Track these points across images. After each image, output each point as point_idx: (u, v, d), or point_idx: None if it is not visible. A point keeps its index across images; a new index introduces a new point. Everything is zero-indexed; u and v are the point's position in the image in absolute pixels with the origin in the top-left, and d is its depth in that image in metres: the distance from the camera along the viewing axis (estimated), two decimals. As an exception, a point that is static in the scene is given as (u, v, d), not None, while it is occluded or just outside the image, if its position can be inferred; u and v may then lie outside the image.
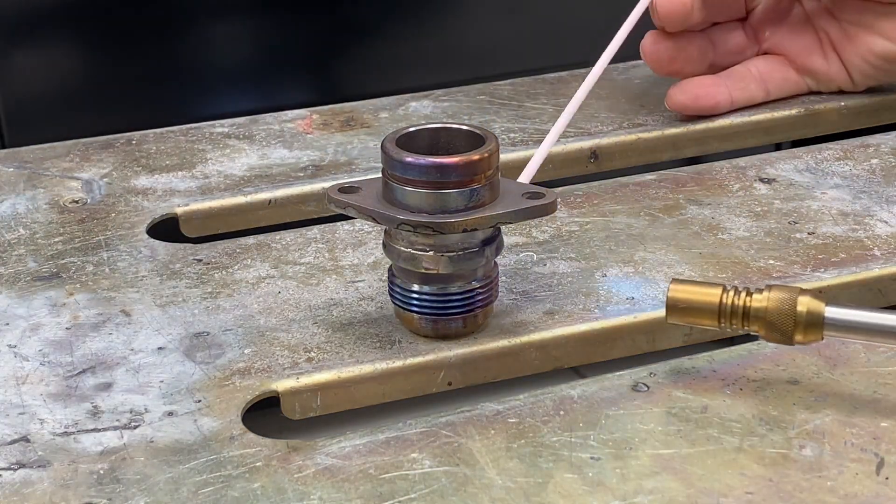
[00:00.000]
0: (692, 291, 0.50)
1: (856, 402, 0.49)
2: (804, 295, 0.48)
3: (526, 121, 0.76)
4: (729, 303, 0.49)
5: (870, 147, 0.72)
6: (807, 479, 0.45)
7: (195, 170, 0.71)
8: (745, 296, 0.49)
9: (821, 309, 0.48)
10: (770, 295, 0.49)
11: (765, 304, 0.48)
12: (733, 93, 0.75)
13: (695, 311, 0.49)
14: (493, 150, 0.52)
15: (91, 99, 0.95)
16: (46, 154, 0.74)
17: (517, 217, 0.52)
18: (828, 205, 0.65)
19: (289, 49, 0.99)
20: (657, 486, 0.45)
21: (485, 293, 0.54)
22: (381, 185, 0.52)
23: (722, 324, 0.49)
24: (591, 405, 0.50)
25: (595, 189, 0.68)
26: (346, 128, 0.76)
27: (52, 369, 0.53)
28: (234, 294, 0.58)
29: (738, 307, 0.49)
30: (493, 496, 0.45)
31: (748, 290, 0.49)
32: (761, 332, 0.49)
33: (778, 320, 0.48)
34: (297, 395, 0.52)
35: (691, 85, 0.75)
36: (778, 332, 0.48)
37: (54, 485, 0.46)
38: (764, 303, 0.48)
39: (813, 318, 0.48)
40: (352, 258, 0.61)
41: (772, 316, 0.48)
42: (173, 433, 0.49)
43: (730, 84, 0.76)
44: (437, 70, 1.00)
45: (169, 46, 0.96)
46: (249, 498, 0.45)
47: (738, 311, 0.49)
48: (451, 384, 0.54)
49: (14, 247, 0.63)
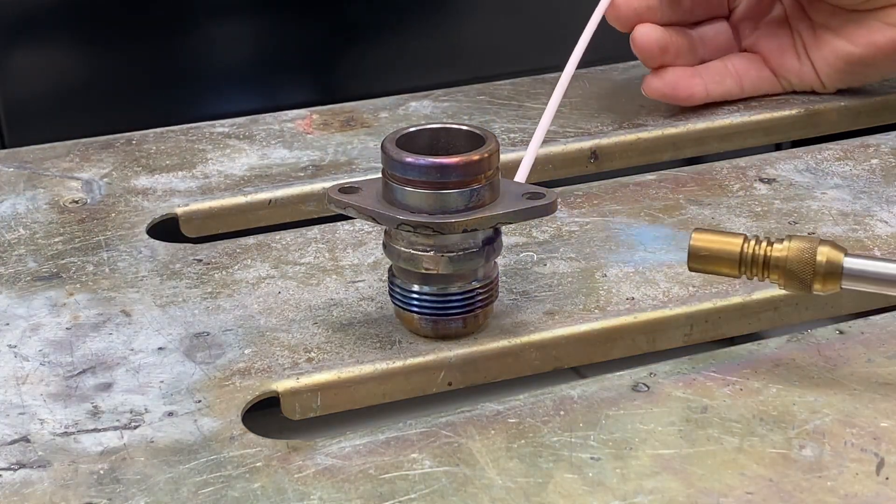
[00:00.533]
0: (714, 240, 0.50)
1: (856, 402, 0.49)
2: (824, 245, 0.49)
3: (526, 121, 0.76)
4: (750, 252, 0.50)
5: (870, 147, 0.72)
6: (807, 479, 0.45)
7: (195, 170, 0.71)
8: (766, 245, 0.50)
9: (839, 259, 0.49)
10: (790, 245, 0.49)
11: (785, 253, 0.49)
12: (709, 86, 0.76)
13: (716, 260, 0.50)
14: (493, 151, 0.52)
15: (91, 99, 0.95)
16: (46, 154, 0.74)
17: (517, 217, 0.52)
18: (828, 205, 0.65)
19: (289, 49, 0.99)
20: (657, 486, 0.45)
21: (485, 293, 0.54)
22: (381, 185, 0.52)
23: (742, 272, 0.50)
24: (591, 405, 0.50)
25: (595, 189, 0.68)
26: (346, 128, 0.77)
27: (52, 369, 0.53)
28: (234, 294, 0.58)
29: (758, 256, 0.50)
30: (493, 496, 0.45)
31: (769, 239, 0.50)
32: (780, 281, 0.50)
33: (798, 269, 0.49)
34: (298, 395, 0.52)
35: (669, 74, 0.75)
36: (797, 281, 0.49)
37: (54, 485, 0.46)
38: (784, 252, 0.49)
39: (832, 267, 0.49)
40: (352, 258, 0.61)
41: (792, 265, 0.49)
42: (173, 433, 0.49)
43: (706, 77, 0.76)
44: (437, 70, 1.00)
45: (169, 46, 0.96)
46: (249, 498, 0.45)
47: (758, 259, 0.50)
48: (451, 384, 0.54)
49: (14, 247, 0.63)
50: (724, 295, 0.57)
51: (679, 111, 0.76)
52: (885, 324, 0.54)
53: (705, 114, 0.76)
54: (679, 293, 0.57)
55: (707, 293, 0.57)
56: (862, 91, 0.78)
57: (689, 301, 0.57)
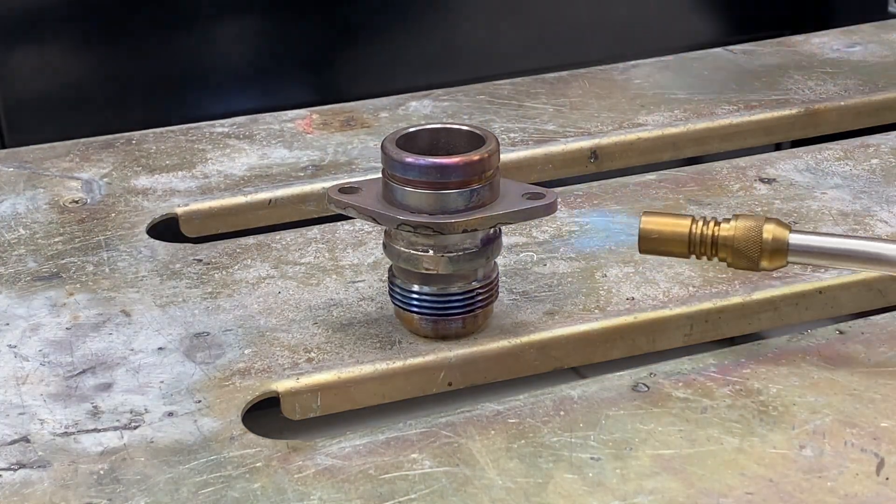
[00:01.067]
0: (663, 223, 0.51)
1: (856, 402, 0.49)
2: (769, 223, 0.50)
3: (526, 121, 0.76)
4: (698, 232, 0.51)
5: (870, 147, 0.72)
6: (807, 479, 0.45)
7: (195, 170, 0.71)
8: (714, 225, 0.51)
9: (785, 235, 0.50)
10: (737, 224, 0.50)
11: (732, 232, 0.50)
12: None
13: (666, 241, 0.51)
14: (493, 151, 0.52)
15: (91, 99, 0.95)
16: (46, 154, 0.74)
17: (517, 217, 0.52)
18: (828, 205, 0.65)
19: (289, 49, 0.99)
20: (657, 486, 0.45)
21: (485, 294, 0.54)
22: (382, 185, 0.52)
23: (692, 252, 0.51)
24: (591, 405, 0.50)
25: (595, 189, 0.68)
26: (346, 128, 0.76)
27: (52, 369, 0.53)
28: (234, 294, 0.58)
29: (706, 236, 0.51)
30: (493, 496, 0.45)
31: (716, 220, 0.51)
32: (729, 259, 0.51)
33: (744, 247, 0.50)
34: (298, 395, 0.52)
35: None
36: (745, 259, 0.50)
37: (54, 485, 0.46)
38: (731, 231, 0.50)
39: (778, 244, 0.50)
40: (352, 258, 0.61)
41: (739, 243, 0.50)
42: (173, 433, 0.49)
43: None
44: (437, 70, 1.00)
45: (169, 46, 0.96)
46: (249, 498, 0.45)
47: (706, 239, 0.51)
48: (451, 384, 0.54)
49: (14, 247, 0.63)
50: (724, 295, 0.57)
51: (678, 111, 0.76)
52: (885, 324, 0.54)
53: (705, 114, 0.76)
54: (679, 293, 0.57)
55: (707, 293, 0.57)
56: (862, 91, 0.78)
57: (689, 301, 0.57)
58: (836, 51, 0.86)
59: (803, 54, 0.85)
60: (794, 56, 0.85)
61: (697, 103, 0.78)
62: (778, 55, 0.85)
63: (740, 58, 0.85)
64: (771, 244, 0.50)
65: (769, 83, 0.80)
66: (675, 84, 0.80)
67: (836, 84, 0.80)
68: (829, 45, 0.87)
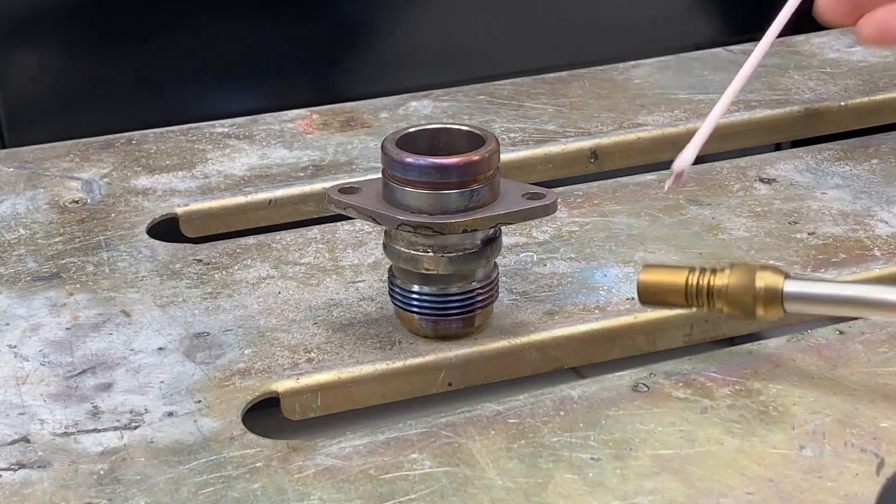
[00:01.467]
0: (660, 274, 0.51)
1: (856, 402, 0.49)
2: (764, 270, 0.49)
3: (526, 121, 0.76)
4: (695, 283, 0.50)
5: (870, 147, 0.72)
6: (807, 479, 0.45)
7: (195, 170, 0.71)
8: (710, 274, 0.50)
9: (778, 283, 0.49)
10: (730, 272, 0.50)
11: (725, 281, 0.50)
12: None
13: (665, 293, 0.51)
14: (493, 151, 0.52)
15: (91, 99, 0.95)
16: (46, 154, 0.74)
17: (517, 217, 0.52)
18: (828, 205, 0.65)
19: (289, 49, 0.99)
20: (657, 487, 0.45)
21: (485, 294, 0.54)
22: (381, 185, 0.52)
23: (691, 304, 0.51)
24: (591, 405, 0.50)
25: (595, 189, 0.68)
26: (346, 128, 0.76)
27: (52, 369, 0.53)
28: (234, 294, 0.58)
29: (702, 287, 0.50)
30: (493, 497, 0.45)
31: (714, 269, 0.50)
32: (726, 309, 0.50)
33: (738, 297, 0.49)
34: (298, 395, 0.52)
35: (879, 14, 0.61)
36: (739, 308, 0.50)
37: (54, 485, 0.46)
38: (725, 280, 0.50)
39: (771, 292, 0.49)
40: (352, 258, 0.61)
41: (732, 293, 0.50)
42: (173, 433, 0.49)
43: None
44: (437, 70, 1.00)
45: (169, 46, 0.96)
46: (250, 498, 0.45)
47: (702, 290, 0.50)
48: (451, 385, 0.54)
49: (14, 247, 0.63)
50: (724, 295, 0.57)
51: (678, 111, 0.76)
52: (885, 324, 0.54)
53: (705, 114, 0.76)
54: (679, 293, 0.57)
55: (707, 293, 0.57)
56: (862, 91, 0.78)
57: (689, 301, 0.57)
58: (836, 51, 0.86)
59: (803, 54, 0.85)
60: (794, 56, 0.85)
61: (697, 103, 0.78)
62: (778, 55, 0.85)
63: (740, 58, 0.85)
64: (764, 293, 0.49)
65: (769, 83, 0.80)
66: (675, 84, 0.80)
67: (836, 84, 0.80)
68: (829, 45, 0.87)
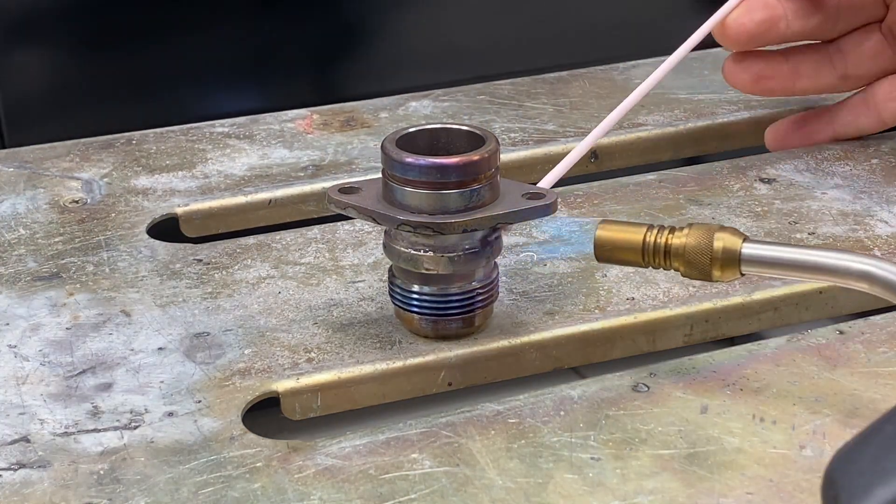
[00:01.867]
0: (618, 230, 0.51)
1: (856, 402, 0.49)
2: (722, 232, 0.49)
3: (526, 121, 0.76)
4: (652, 241, 0.50)
5: (870, 147, 0.72)
6: (807, 479, 0.45)
7: (195, 170, 0.71)
8: (668, 233, 0.50)
9: (737, 245, 0.49)
10: (689, 232, 0.49)
11: (683, 240, 0.49)
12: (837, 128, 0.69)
13: (620, 250, 0.50)
14: (493, 151, 0.52)
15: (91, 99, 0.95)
16: (46, 154, 0.74)
17: (517, 217, 0.52)
18: (828, 205, 0.65)
19: (289, 49, 0.99)
20: (657, 487, 0.45)
21: (485, 294, 0.54)
22: (381, 185, 0.52)
23: (647, 261, 0.50)
24: (592, 405, 0.50)
25: (595, 189, 0.68)
26: (346, 128, 0.76)
27: (52, 369, 0.53)
28: (234, 294, 0.58)
29: (660, 245, 0.50)
30: (493, 497, 0.45)
31: (672, 228, 0.50)
32: (682, 270, 0.50)
33: (695, 257, 0.49)
34: (298, 395, 0.52)
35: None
36: (696, 269, 0.49)
37: (54, 485, 0.46)
38: (683, 240, 0.49)
39: (729, 254, 0.49)
40: (352, 258, 0.61)
41: (690, 253, 0.49)
42: (173, 433, 0.49)
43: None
44: (437, 70, 1.00)
45: (169, 46, 0.96)
46: (250, 498, 0.45)
47: (660, 249, 0.50)
48: (451, 384, 0.54)
49: (14, 247, 0.63)
50: (724, 295, 0.57)
51: (678, 111, 0.76)
52: (885, 324, 0.54)
53: (705, 114, 0.76)
54: (679, 293, 0.57)
55: (707, 293, 0.57)
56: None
57: (689, 301, 0.57)
58: (836, 51, 0.85)
59: (803, 54, 0.85)
60: (794, 56, 0.85)
61: (697, 103, 0.78)
62: (778, 55, 0.85)
63: (740, 58, 0.85)
64: (722, 254, 0.49)
65: (769, 83, 0.80)
66: (675, 84, 0.80)
67: (836, 84, 0.80)
68: (829, 45, 0.86)
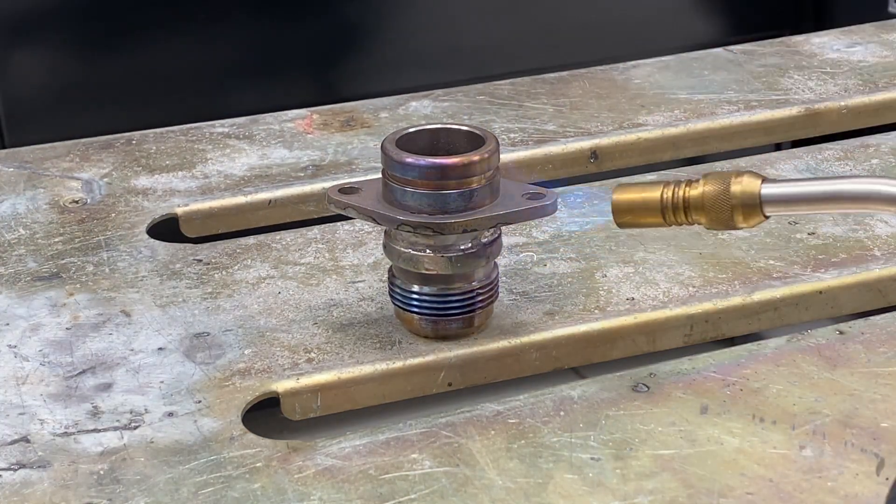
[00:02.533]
0: (634, 191, 0.49)
1: (856, 402, 0.49)
2: (739, 175, 0.47)
3: (526, 121, 0.76)
4: (670, 197, 0.48)
5: (870, 147, 0.72)
6: (807, 479, 0.45)
7: (195, 170, 0.71)
8: (685, 186, 0.48)
9: (755, 187, 0.47)
10: (705, 181, 0.48)
11: (701, 190, 0.48)
12: None
13: (639, 211, 0.49)
14: (493, 151, 0.52)
15: (91, 99, 0.95)
16: (46, 154, 0.74)
17: (517, 217, 0.52)
18: (828, 205, 0.65)
19: (289, 49, 0.99)
20: (657, 487, 0.45)
21: (485, 294, 0.54)
22: (381, 185, 0.52)
23: (668, 220, 0.49)
24: (592, 405, 0.50)
25: (595, 189, 0.68)
26: (346, 128, 0.76)
27: (52, 369, 0.53)
28: (234, 294, 0.58)
29: (678, 200, 0.48)
30: (493, 497, 0.45)
31: (689, 181, 0.48)
32: (704, 222, 0.48)
33: (714, 205, 0.47)
34: (298, 395, 0.52)
35: None
36: (718, 219, 0.48)
37: (54, 485, 0.46)
38: (700, 189, 0.48)
39: (748, 197, 0.47)
40: (352, 258, 0.61)
41: (709, 202, 0.48)
42: (173, 434, 0.49)
43: None
44: (437, 70, 1.00)
45: (169, 46, 0.96)
46: (250, 498, 0.45)
47: (679, 204, 0.48)
48: (451, 385, 0.54)
49: (14, 247, 0.63)
50: (724, 295, 0.57)
51: (678, 111, 0.76)
52: (885, 324, 0.54)
53: (705, 114, 0.76)
54: (679, 293, 0.57)
55: (707, 293, 0.57)
56: (862, 91, 0.78)
57: (689, 301, 0.57)
58: (836, 51, 0.86)
59: (803, 54, 0.85)
60: (794, 56, 0.85)
61: (697, 103, 0.78)
62: (778, 55, 0.85)
63: (740, 58, 0.85)
64: (741, 198, 0.47)
65: (769, 83, 0.80)
66: (675, 84, 0.80)
67: (836, 84, 0.80)
68: (829, 45, 0.87)
